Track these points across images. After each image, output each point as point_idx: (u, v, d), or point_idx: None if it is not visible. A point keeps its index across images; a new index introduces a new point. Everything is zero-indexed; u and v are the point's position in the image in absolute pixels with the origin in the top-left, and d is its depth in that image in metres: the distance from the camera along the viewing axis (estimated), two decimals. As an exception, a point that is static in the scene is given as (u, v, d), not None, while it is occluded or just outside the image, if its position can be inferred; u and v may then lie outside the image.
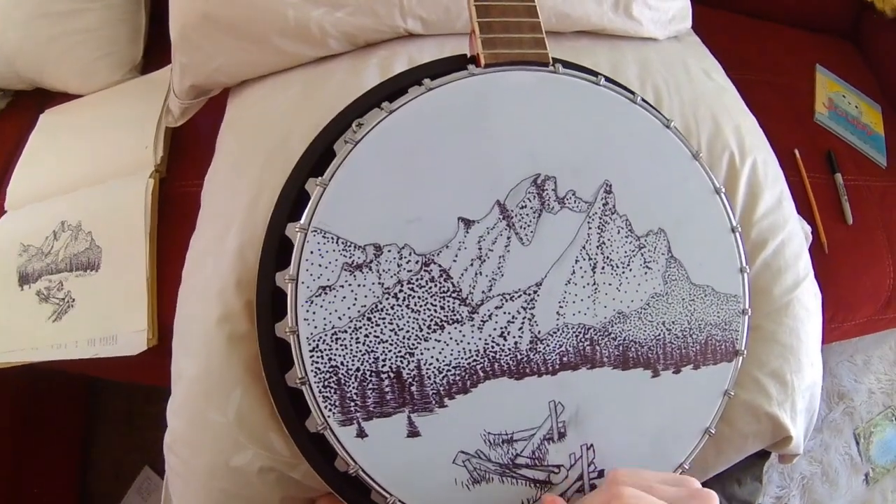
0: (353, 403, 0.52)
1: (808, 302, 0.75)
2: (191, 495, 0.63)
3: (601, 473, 0.57)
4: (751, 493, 0.79)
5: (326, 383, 0.52)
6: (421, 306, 0.53)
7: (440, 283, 0.53)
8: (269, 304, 0.56)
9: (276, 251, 0.57)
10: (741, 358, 0.63)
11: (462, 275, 0.53)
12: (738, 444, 0.71)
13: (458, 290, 0.53)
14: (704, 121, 0.77)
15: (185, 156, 0.97)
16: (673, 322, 0.59)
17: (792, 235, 0.76)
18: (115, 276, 0.87)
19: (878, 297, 1.06)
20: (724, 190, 0.63)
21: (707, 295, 0.61)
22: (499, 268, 0.54)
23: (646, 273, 0.58)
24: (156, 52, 1.11)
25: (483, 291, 0.54)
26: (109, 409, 1.31)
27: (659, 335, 0.58)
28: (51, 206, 0.96)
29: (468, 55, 0.60)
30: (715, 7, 1.22)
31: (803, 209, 0.99)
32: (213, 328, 0.63)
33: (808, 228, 0.89)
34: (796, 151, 1.06)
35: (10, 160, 1.05)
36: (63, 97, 1.10)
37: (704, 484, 0.75)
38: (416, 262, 0.53)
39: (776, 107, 1.11)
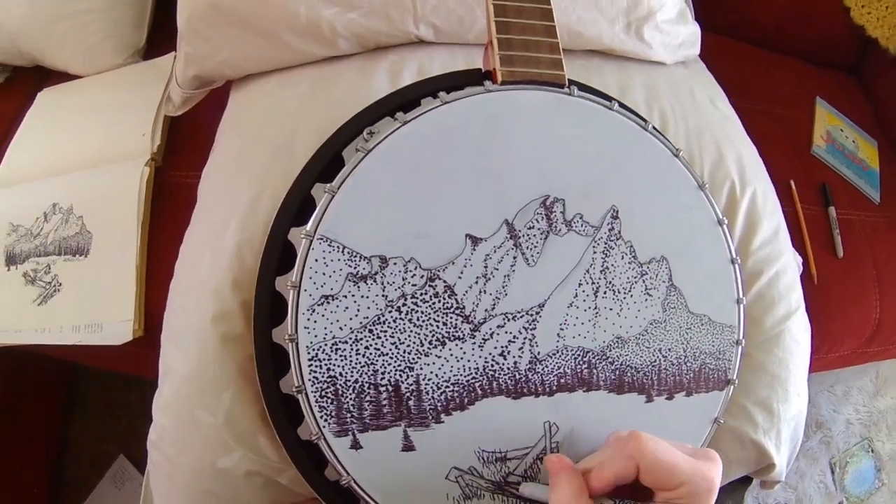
0: (349, 414, 0.51)
1: (798, 334, 0.76)
2: (174, 495, 0.62)
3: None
4: (731, 518, 0.80)
5: (323, 393, 0.51)
6: (423, 321, 0.52)
7: (444, 298, 0.53)
8: (267, 307, 0.56)
9: (278, 255, 0.56)
10: (732, 387, 0.63)
11: (466, 292, 0.53)
12: (723, 470, 0.72)
13: (461, 307, 0.53)
14: (708, 149, 0.78)
15: (183, 146, 0.95)
16: (669, 349, 0.59)
17: (786, 267, 0.77)
18: (103, 263, 0.86)
19: (864, 330, 1.07)
20: (726, 221, 0.63)
21: (704, 324, 0.61)
22: (503, 287, 0.54)
23: (646, 300, 0.58)
24: (159, 37, 1.09)
25: (486, 310, 0.54)
26: (87, 396, 1.28)
27: (655, 361, 0.59)
28: (43, 186, 0.94)
29: (482, 69, 0.60)
30: (722, 34, 1.22)
31: (795, 240, 1.00)
32: (207, 326, 0.62)
33: (800, 259, 0.90)
34: (792, 183, 1.07)
35: (5, 137, 1.03)
36: (62, 76, 1.08)
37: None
38: (422, 276, 0.52)
39: (775, 137, 1.12)
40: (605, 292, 0.57)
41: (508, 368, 0.54)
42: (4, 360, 0.92)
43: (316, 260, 0.51)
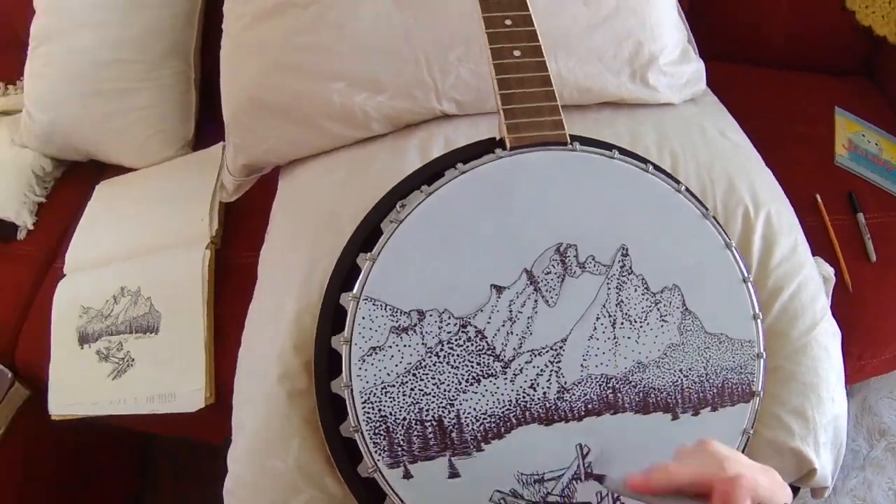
0: (400, 448, 0.59)
1: (825, 341, 0.79)
2: None
3: (626, 509, 0.62)
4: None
5: (376, 431, 0.59)
6: (459, 363, 0.60)
7: (476, 342, 0.60)
8: (326, 363, 0.64)
9: (332, 317, 0.64)
10: (758, 398, 0.68)
11: (495, 334, 0.61)
12: (766, 482, 0.75)
13: (492, 347, 0.60)
14: (719, 180, 0.83)
15: (239, 228, 1.03)
16: (690, 369, 0.65)
17: (808, 280, 0.80)
18: (174, 338, 0.94)
19: (906, 332, 1.07)
20: (734, 244, 0.68)
21: (722, 342, 0.66)
22: (528, 327, 0.61)
23: (662, 326, 0.64)
24: (206, 127, 1.17)
25: (514, 348, 0.61)
26: (160, 465, 1.35)
27: (677, 381, 0.64)
28: (110, 271, 1.02)
29: (497, 137, 0.68)
30: (733, 62, 1.27)
31: (827, 251, 1.03)
32: (273, 385, 0.71)
33: (831, 270, 0.93)
34: (818, 196, 1.10)
35: (69, 226, 1.12)
36: (117, 169, 1.17)
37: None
38: (455, 324, 0.60)
39: (797, 154, 1.15)
40: (622, 323, 0.63)
41: (539, 399, 0.61)
42: (80, 432, 0.99)
43: (363, 317, 0.60)
